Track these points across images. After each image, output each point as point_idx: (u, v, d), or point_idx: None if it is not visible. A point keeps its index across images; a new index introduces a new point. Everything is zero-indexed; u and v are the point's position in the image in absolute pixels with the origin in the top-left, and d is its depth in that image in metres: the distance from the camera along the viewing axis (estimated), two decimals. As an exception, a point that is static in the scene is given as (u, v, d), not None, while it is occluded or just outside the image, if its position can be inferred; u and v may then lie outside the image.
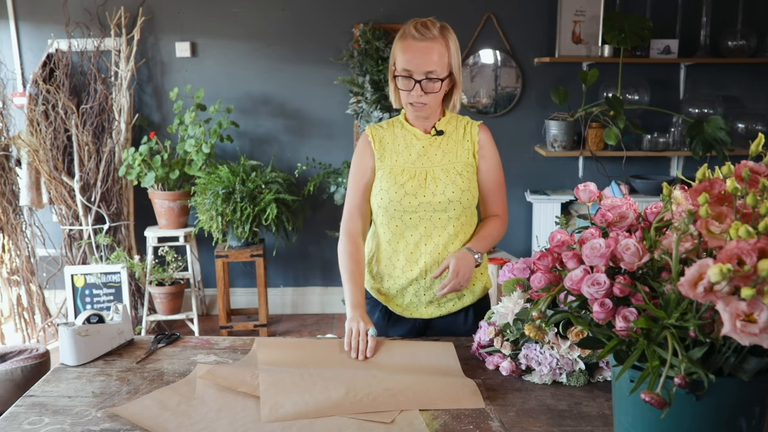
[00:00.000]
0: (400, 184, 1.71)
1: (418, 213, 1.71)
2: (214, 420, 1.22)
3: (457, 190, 1.71)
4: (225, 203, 3.40)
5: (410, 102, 1.68)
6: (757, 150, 0.94)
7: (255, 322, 3.78)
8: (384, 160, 1.75)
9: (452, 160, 1.74)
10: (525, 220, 4.11)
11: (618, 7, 3.82)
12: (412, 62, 1.63)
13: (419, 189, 1.70)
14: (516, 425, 1.21)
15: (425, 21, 1.67)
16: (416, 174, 1.72)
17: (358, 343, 1.53)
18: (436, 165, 1.73)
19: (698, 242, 0.88)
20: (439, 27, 1.67)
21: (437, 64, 1.64)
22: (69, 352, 1.47)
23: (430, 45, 1.63)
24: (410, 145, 1.75)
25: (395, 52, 1.68)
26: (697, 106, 3.86)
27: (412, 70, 1.63)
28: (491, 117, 3.96)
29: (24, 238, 3.74)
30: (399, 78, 1.66)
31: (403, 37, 1.66)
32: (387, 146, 1.76)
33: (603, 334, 0.97)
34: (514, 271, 1.48)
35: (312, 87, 3.90)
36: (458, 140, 1.77)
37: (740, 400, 0.88)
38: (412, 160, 1.74)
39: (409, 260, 1.74)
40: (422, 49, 1.63)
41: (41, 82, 3.62)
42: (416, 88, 1.65)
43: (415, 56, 1.63)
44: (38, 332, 3.77)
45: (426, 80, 1.64)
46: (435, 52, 1.63)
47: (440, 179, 1.71)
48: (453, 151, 1.75)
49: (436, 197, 1.70)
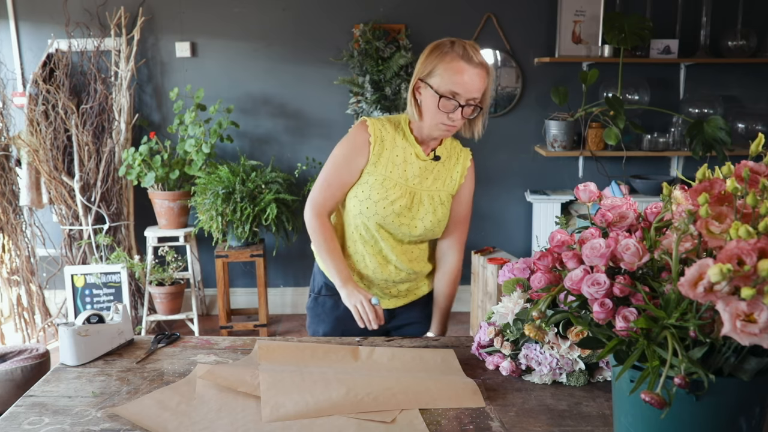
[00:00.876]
0: (390, 201, 1.68)
1: (397, 231, 1.73)
2: (214, 420, 1.22)
3: (434, 220, 1.73)
4: (225, 203, 3.40)
5: (443, 123, 1.63)
6: (757, 150, 0.94)
7: (255, 322, 3.78)
8: (378, 167, 1.69)
9: (439, 188, 1.74)
10: (525, 220, 4.11)
11: (618, 7, 3.82)
12: (463, 86, 1.58)
13: (404, 210, 1.69)
14: (516, 425, 1.21)
15: (473, 44, 1.61)
16: (406, 194, 1.70)
17: (368, 315, 1.60)
18: (424, 189, 1.72)
19: (698, 242, 0.88)
20: (481, 53, 1.63)
21: (480, 91, 1.61)
22: (69, 352, 1.47)
23: (481, 72, 1.60)
24: (409, 162, 1.70)
25: (438, 70, 1.60)
26: (697, 106, 3.86)
27: (460, 94, 1.59)
28: (491, 117, 3.96)
29: (24, 238, 3.74)
30: (442, 99, 1.59)
31: (451, 58, 1.58)
32: (385, 152, 1.69)
33: (603, 334, 0.97)
34: (514, 271, 1.48)
35: (312, 87, 3.90)
36: (450, 168, 1.76)
37: (740, 400, 0.88)
38: (405, 177, 1.70)
39: (381, 263, 1.78)
40: (476, 75, 1.59)
41: (41, 82, 3.62)
42: (457, 112, 1.60)
43: (468, 81, 1.58)
44: (38, 332, 3.77)
45: (467, 106, 1.61)
46: (483, 79, 1.61)
47: (423, 204, 1.71)
48: (442, 178, 1.74)
49: (417, 229, 1.71)
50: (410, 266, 1.79)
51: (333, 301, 1.82)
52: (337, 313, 1.81)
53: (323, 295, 1.85)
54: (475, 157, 1.83)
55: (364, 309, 1.60)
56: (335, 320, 1.82)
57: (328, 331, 1.83)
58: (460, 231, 1.83)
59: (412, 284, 1.85)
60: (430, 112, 1.63)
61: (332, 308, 1.82)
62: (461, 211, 1.80)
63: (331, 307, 1.83)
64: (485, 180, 4.03)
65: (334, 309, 1.82)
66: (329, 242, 1.73)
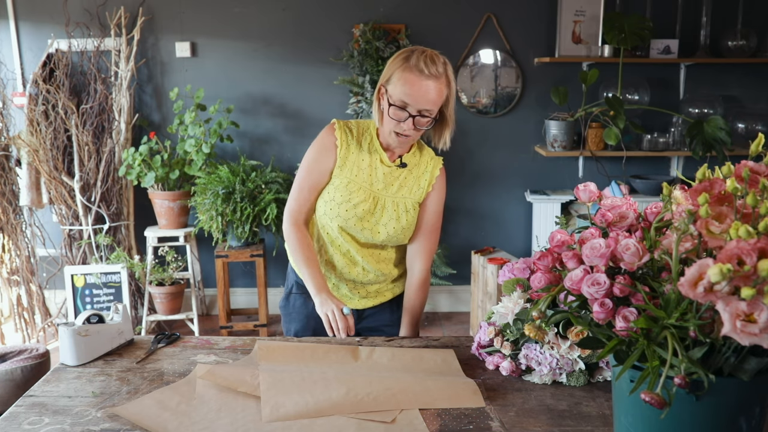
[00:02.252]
0: (353, 204, 1.69)
1: (359, 235, 1.73)
2: (214, 420, 1.22)
3: (398, 228, 1.72)
4: (225, 203, 3.40)
5: (396, 131, 1.64)
6: (757, 150, 0.94)
7: (255, 322, 3.78)
8: (344, 170, 1.71)
9: (405, 195, 1.74)
10: (525, 220, 4.11)
11: (618, 7, 3.82)
12: (412, 97, 1.58)
13: (367, 214, 1.70)
14: (516, 425, 1.21)
15: (432, 55, 1.60)
16: (369, 198, 1.70)
17: (338, 325, 1.59)
18: (389, 195, 1.72)
19: (698, 242, 0.88)
20: (443, 63, 1.61)
21: (434, 103, 1.60)
22: (69, 352, 1.47)
23: (433, 84, 1.58)
24: (373, 167, 1.72)
25: (393, 78, 1.60)
26: (697, 106, 3.86)
27: (409, 104, 1.59)
28: (491, 117, 3.96)
29: (24, 238, 3.74)
30: (392, 107, 1.60)
31: (407, 67, 1.58)
32: (351, 156, 1.71)
33: (603, 334, 0.97)
34: (514, 271, 1.48)
35: (312, 87, 3.90)
36: (417, 175, 1.75)
37: (740, 400, 0.88)
38: (370, 182, 1.71)
39: (348, 263, 1.78)
40: (425, 87, 1.57)
41: (41, 82, 3.62)
42: (408, 122, 1.60)
43: (417, 93, 1.57)
44: (38, 332, 3.77)
45: (419, 116, 1.60)
46: (436, 91, 1.59)
47: (387, 210, 1.71)
48: (408, 186, 1.74)
49: (380, 235, 1.71)
50: (378, 267, 1.79)
51: (303, 299, 1.84)
52: (306, 311, 1.83)
53: (294, 293, 1.87)
54: (475, 156, 1.83)
55: (335, 318, 1.60)
56: (305, 318, 1.84)
57: (299, 329, 1.85)
58: (428, 240, 1.79)
59: (382, 285, 1.85)
60: (384, 119, 1.65)
61: (302, 306, 1.85)
62: (430, 220, 1.78)
63: (301, 305, 1.85)
64: (485, 180, 4.03)
65: (304, 307, 1.84)
66: (305, 251, 1.73)
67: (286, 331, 1.91)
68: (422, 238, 1.79)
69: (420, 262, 1.81)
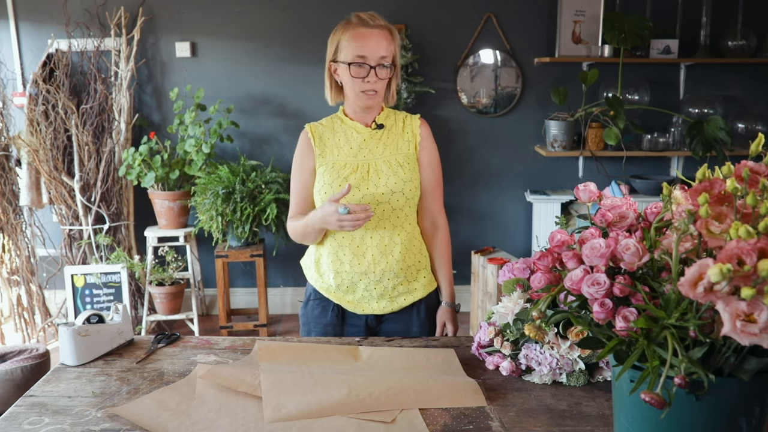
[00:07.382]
0: (343, 177, 1.72)
1: (362, 201, 1.72)
2: (214, 420, 1.22)
3: (399, 181, 1.73)
4: (225, 203, 3.40)
5: (363, 90, 1.70)
6: (757, 150, 0.94)
7: (255, 322, 3.78)
8: (325, 156, 1.77)
9: (393, 152, 1.77)
10: (525, 220, 4.11)
11: (618, 7, 3.82)
12: (367, 48, 1.67)
13: (362, 181, 1.72)
14: (516, 425, 1.21)
15: (370, 13, 1.73)
16: (359, 167, 1.74)
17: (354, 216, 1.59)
18: (378, 157, 1.75)
19: (698, 242, 0.88)
20: (382, 19, 1.74)
21: (387, 49, 1.69)
22: (69, 352, 1.47)
23: (382, 32, 1.69)
24: (351, 139, 1.77)
25: (342, 45, 1.70)
26: (697, 106, 3.86)
27: (366, 56, 1.67)
28: (491, 117, 3.96)
29: (24, 238, 3.74)
30: (352, 66, 1.67)
31: (350, 26, 1.70)
32: (327, 142, 1.78)
33: (603, 334, 0.97)
34: (514, 271, 1.48)
35: (312, 87, 3.89)
36: (398, 133, 1.80)
37: (740, 400, 0.88)
38: (353, 153, 1.76)
39: (356, 254, 1.75)
40: (375, 35, 1.68)
41: (41, 82, 3.62)
42: (371, 74, 1.67)
43: (370, 42, 1.67)
44: (38, 332, 3.77)
45: (379, 66, 1.68)
46: (385, 39, 1.69)
47: (382, 171, 1.73)
48: (394, 143, 1.78)
49: (379, 189, 1.72)
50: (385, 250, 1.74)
51: (321, 308, 1.83)
52: (324, 320, 1.82)
53: (312, 300, 1.87)
54: (475, 156, 1.84)
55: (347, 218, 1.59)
56: (323, 327, 1.83)
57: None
58: (434, 196, 1.84)
59: (401, 285, 1.78)
60: (348, 85, 1.72)
61: (320, 315, 1.84)
62: (432, 177, 1.81)
63: (320, 314, 1.84)
64: (485, 180, 4.03)
65: (322, 316, 1.83)
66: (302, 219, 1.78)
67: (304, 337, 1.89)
68: (432, 196, 1.83)
69: (440, 218, 1.86)
